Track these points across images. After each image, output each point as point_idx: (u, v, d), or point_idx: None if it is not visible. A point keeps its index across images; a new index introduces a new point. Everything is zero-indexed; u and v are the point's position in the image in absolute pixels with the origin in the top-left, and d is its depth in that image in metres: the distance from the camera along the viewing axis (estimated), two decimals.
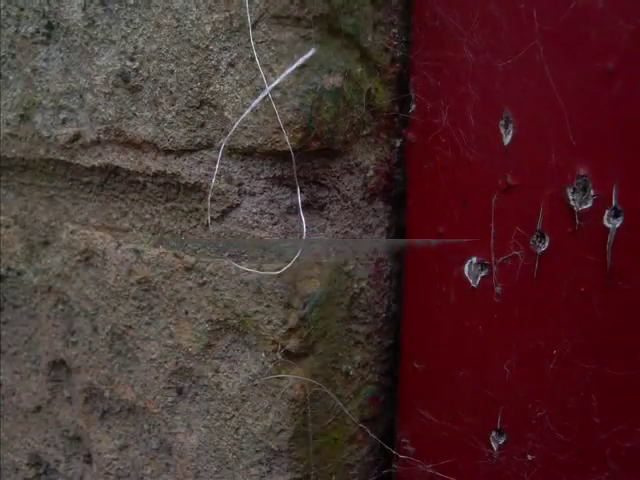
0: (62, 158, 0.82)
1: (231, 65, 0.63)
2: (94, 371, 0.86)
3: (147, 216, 0.77)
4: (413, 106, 0.72)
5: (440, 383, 0.74)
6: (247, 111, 0.61)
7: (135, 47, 0.70)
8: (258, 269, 0.65)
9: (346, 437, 0.76)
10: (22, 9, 0.81)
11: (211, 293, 0.70)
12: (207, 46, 0.64)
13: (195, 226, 0.72)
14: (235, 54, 0.62)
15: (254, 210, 0.67)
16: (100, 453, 0.89)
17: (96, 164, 0.79)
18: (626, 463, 0.64)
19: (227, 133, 0.64)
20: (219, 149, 0.65)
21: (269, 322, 0.66)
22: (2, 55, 0.85)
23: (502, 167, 0.66)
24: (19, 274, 0.94)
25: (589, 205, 0.62)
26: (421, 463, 0.76)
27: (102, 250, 0.80)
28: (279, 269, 0.64)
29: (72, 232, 0.84)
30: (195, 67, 0.65)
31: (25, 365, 0.97)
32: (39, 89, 0.82)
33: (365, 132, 0.71)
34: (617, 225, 0.61)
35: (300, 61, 0.58)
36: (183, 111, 0.67)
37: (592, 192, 0.62)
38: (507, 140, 0.66)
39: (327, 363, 0.71)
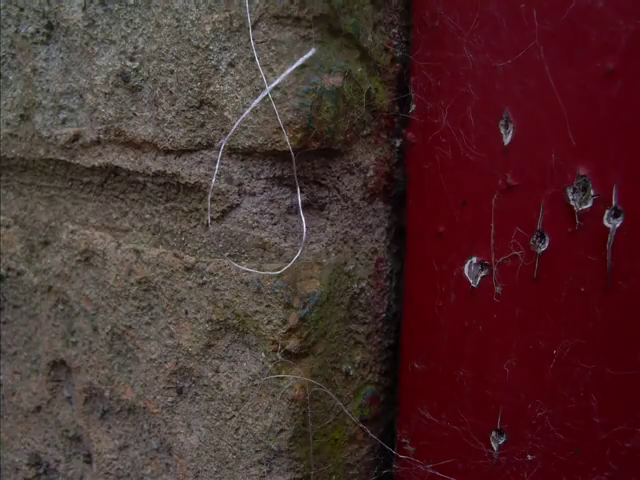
0: (62, 158, 0.82)
1: (231, 65, 0.63)
2: (94, 371, 0.86)
3: (147, 216, 0.77)
4: (413, 106, 0.72)
5: (440, 383, 0.74)
6: (247, 111, 0.61)
7: (135, 47, 0.70)
8: (258, 269, 0.65)
9: (346, 437, 0.76)
10: (22, 9, 0.81)
11: (211, 293, 0.70)
12: (207, 46, 0.64)
13: (195, 226, 0.72)
14: (235, 54, 0.62)
15: (254, 210, 0.67)
16: (100, 453, 0.89)
17: (96, 164, 0.79)
18: (626, 463, 0.64)
19: (227, 133, 0.64)
20: (219, 149, 0.65)
21: (269, 322, 0.66)
22: (2, 55, 0.85)
23: (502, 167, 0.66)
24: (19, 274, 0.94)
25: (589, 205, 0.62)
26: (421, 463, 0.76)
27: (102, 250, 0.80)
28: (279, 269, 0.64)
29: (72, 232, 0.84)
30: (195, 67, 0.65)
31: (25, 365, 0.97)
32: (39, 89, 0.82)
33: (365, 132, 0.71)
34: (617, 225, 0.61)
35: (300, 61, 0.58)
36: (183, 111, 0.67)
37: (592, 192, 0.62)
38: (507, 140, 0.66)
39: (327, 363, 0.71)
